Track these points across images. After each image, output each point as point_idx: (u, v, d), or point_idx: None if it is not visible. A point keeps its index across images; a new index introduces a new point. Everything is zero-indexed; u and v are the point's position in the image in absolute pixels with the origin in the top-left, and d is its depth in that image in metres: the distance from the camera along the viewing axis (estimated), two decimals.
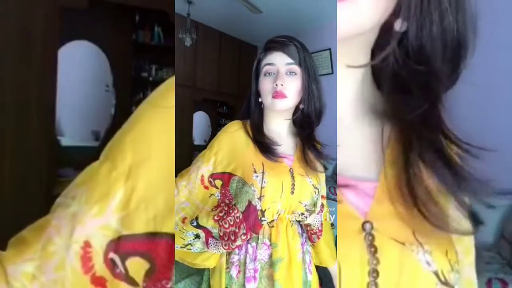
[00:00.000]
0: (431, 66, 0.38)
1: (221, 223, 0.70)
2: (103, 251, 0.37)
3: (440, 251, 0.40)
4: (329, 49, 3.10)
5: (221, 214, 0.71)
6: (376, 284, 0.39)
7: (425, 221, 0.38)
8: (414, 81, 0.40)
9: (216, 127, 4.34)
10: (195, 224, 0.71)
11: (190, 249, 0.72)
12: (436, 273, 0.39)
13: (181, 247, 0.72)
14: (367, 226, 0.40)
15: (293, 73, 0.70)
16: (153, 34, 2.39)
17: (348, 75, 0.44)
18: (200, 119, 4.03)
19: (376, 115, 0.45)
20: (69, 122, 2.01)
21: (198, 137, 4.00)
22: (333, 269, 0.84)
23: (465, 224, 0.39)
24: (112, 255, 0.37)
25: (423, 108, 0.39)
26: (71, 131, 2.05)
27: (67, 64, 1.77)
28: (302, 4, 2.92)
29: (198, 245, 0.72)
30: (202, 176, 0.74)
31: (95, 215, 0.37)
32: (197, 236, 0.71)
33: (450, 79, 0.41)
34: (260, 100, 0.75)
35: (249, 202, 0.70)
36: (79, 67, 2.02)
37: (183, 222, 0.72)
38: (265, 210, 0.70)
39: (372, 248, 0.39)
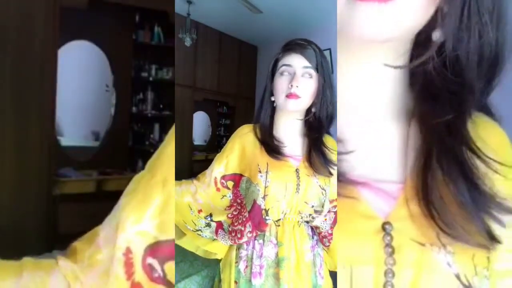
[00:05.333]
0: (465, 78, 0.38)
1: (232, 221, 0.76)
2: (141, 256, 0.40)
3: (465, 254, 0.39)
4: (329, 49, 3.09)
5: (235, 213, 0.76)
6: (392, 285, 0.39)
7: (436, 227, 0.38)
8: (446, 90, 0.39)
9: (216, 127, 4.34)
10: (209, 220, 0.78)
11: (200, 235, 0.78)
12: (457, 276, 0.38)
13: (192, 230, 0.78)
14: (387, 226, 0.40)
15: (309, 76, 0.71)
16: (153, 34, 2.39)
17: (357, 76, 0.43)
18: (200, 119, 4.03)
19: (402, 116, 0.44)
20: (69, 122, 2.01)
21: (198, 137, 4.00)
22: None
23: (479, 238, 0.38)
24: (150, 260, 0.40)
25: (449, 117, 0.39)
26: (71, 131, 2.05)
27: (67, 64, 1.76)
28: (302, 4, 2.92)
29: (207, 233, 0.78)
30: (215, 178, 0.79)
31: (133, 221, 0.40)
32: (208, 225, 0.78)
33: (482, 93, 0.41)
34: (272, 99, 0.76)
35: (254, 201, 0.72)
36: (79, 67, 2.02)
37: (198, 212, 0.78)
38: (268, 209, 0.71)
39: (390, 249, 0.39)
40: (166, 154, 0.44)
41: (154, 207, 0.41)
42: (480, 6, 0.35)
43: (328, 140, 0.79)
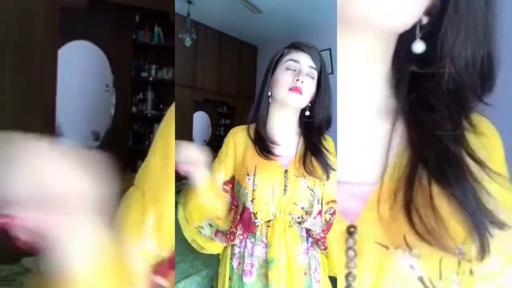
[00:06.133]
0: (465, 84, 0.38)
1: (232, 224, 0.76)
2: (145, 275, 0.39)
3: (431, 257, 0.38)
4: (329, 49, 3.10)
5: (234, 216, 0.76)
6: None
7: (413, 231, 0.37)
8: (444, 96, 0.39)
9: (216, 127, 4.34)
10: (210, 222, 0.78)
11: (200, 232, 0.79)
12: (421, 279, 0.37)
13: (195, 226, 0.78)
14: (351, 229, 0.39)
15: (312, 77, 0.72)
16: (153, 34, 2.39)
17: (354, 76, 0.42)
18: (200, 119, 4.02)
19: (387, 118, 0.43)
20: (69, 122, 2.01)
21: (198, 137, 3.99)
22: None
23: (451, 243, 0.37)
24: (157, 278, 0.39)
25: (456, 132, 0.38)
26: (71, 131, 2.05)
27: (67, 64, 1.77)
28: (302, 4, 2.92)
29: (207, 231, 0.78)
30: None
31: (132, 241, 0.39)
32: (210, 225, 0.78)
33: (477, 101, 0.40)
34: (269, 94, 0.76)
35: (244, 205, 0.73)
36: (79, 67, 2.02)
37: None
38: (256, 212, 0.71)
39: (352, 252, 0.39)
40: (151, 167, 0.43)
41: (150, 226, 0.40)
42: (474, 20, 0.36)
43: (328, 141, 0.79)
